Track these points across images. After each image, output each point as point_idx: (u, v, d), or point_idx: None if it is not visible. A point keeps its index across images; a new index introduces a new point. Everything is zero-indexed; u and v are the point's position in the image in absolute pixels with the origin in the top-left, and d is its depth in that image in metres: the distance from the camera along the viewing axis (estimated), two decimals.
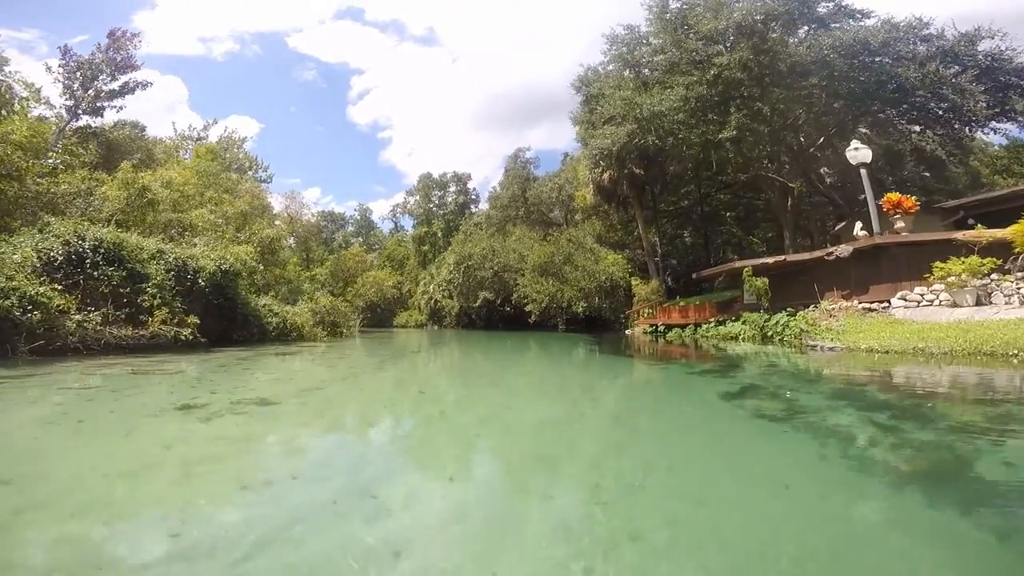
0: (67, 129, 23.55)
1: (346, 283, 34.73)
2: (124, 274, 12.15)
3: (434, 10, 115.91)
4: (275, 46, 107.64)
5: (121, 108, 26.50)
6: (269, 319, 17.17)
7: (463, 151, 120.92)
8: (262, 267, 20.54)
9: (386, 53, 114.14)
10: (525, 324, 33.33)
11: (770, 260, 15.44)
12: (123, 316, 11.78)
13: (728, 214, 31.81)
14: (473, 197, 63.47)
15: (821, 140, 23.90)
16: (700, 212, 35.49)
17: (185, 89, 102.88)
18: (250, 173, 43.70)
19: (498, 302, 34.43)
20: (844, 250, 13.51)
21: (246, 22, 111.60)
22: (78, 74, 25.38)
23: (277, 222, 28.78)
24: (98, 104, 25.45)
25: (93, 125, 25.83)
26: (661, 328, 22.39)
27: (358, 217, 76.95)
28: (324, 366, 10.97)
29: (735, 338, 16.04)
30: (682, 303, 24.34)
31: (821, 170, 26.27)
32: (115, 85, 25.94)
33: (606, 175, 31.64)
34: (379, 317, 63.54)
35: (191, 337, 12.75)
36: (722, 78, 18.93)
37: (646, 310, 26.24)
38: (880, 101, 19.33)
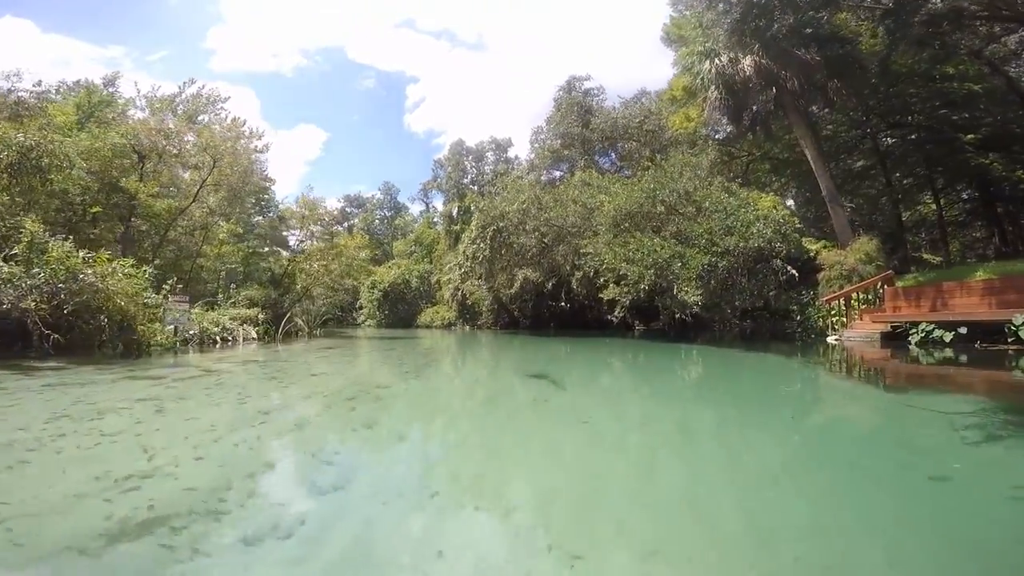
0: None
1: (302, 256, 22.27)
2: None
3: (482, 17, 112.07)
4: (337, 57, 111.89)
5: None
6: None
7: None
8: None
9: (438, 60, 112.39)
10: (588, 324, 20.19)
11: None
12: None
13: (969, 136, 17.28)
14: (516, 167, 50.95)
15: None
16: (874, 146, 22.00)
17: (257, 101, 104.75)
18: (243, 142, 34.36)
19: (549, 286, 21.23)
20: None
21: (311, 37, 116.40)
22: None
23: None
24: None
25: None
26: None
27: (381, 196, 65.19)
28: None
29: None
30: (997, 275, 10.37)
31: None
32: None
33: (746, 62, 17.66)
34: (400, 314, 51.41)
35: None
36: None
37: (859, 295, 12.37)
38: None
